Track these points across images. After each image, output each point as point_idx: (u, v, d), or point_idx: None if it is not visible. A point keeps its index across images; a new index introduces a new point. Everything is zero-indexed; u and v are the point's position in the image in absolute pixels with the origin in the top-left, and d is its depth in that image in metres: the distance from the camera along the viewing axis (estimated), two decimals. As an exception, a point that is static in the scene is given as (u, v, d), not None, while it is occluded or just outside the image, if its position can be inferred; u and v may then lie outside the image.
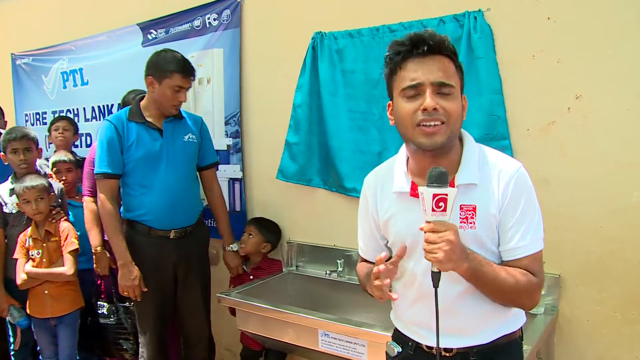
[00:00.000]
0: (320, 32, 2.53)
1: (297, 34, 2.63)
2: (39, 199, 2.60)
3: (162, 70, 2.36)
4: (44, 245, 2.63)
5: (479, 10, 2.11)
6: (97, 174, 2.42)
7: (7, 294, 2.71)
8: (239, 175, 2.96)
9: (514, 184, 1.23)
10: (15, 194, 2.63)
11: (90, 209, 2.65)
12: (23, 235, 2.66)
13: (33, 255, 2.63)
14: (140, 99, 2.49)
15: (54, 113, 4.04)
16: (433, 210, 1.11)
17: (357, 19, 2.45)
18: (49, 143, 3.60)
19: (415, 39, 1.21)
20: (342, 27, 2.48)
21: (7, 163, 2.79)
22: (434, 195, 1.10)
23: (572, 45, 1.98)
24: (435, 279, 1.14)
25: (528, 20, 2.05)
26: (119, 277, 2.38)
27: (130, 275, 2.36)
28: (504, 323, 1.32)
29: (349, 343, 2.00)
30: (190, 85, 2.45)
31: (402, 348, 1.41)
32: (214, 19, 2.95)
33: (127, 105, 2.83)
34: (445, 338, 1.27)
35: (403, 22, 2.30)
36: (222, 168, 2.71)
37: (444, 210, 1.10)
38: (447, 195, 1.10)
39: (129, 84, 2.98)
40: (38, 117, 4.19)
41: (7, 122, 3.77)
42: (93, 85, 3.72)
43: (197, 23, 3.03)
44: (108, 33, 3.54)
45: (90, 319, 2.79)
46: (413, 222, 1.23)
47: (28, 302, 2.67)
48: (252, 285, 2.54)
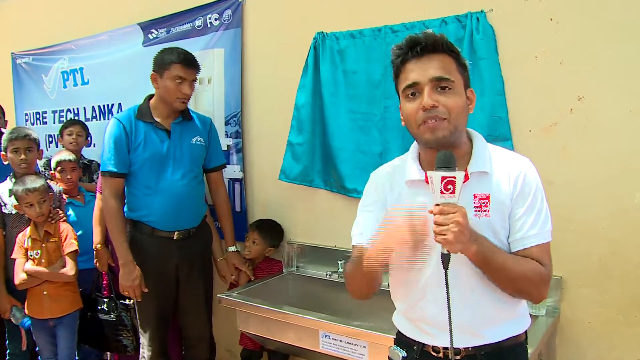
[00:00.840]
0: (322, 32, 2.53)
1: (298, 35, 2.63)
2: (42, 202, 2.59)
3: (163, 64, 2.37)
4: (43, 246, 2.63)
5: (482, 11, 2.11)
6: (102, 172, 2.41)
7: (8, 295, 2.70)
8: (240, 176, 2.96)
9: (524, 175, 1.27)
10: (16, 197, 2.61)
11: (100, 207, 2.63)
12: (22, 235, 2.65)
13: (32, 256, 2.61)
14: (150, 98, 2.47)
15: (54, 113, 4.03)
16: (442, 193, 1.14)
17: (358, 20, 2.44)
18: (58, 145, 3.56)
19: (411, 42, 1.26)
20: (343, 27, 2.47)
21: (6, 162, 2.78)
22: (443, 178, 1.13)
23: (574, 46, 1.97)
24: (445, 261, 1.16)
25: (530, 21, 2.05)
26: (120, 276, 2.38)
27: (131, 275, 2.35)
28: (511, 322, 1.32)
29: (350, 344, 1.99)
30: (195, 78, 2.42)
31: (406, 352, 1.39)
32: (215, 19, 2.95)
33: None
34: (454, 337, 1.26)
35: (405, 22, 2.29)
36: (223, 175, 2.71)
37: (453, 193, 1.14)
38: (455, 178, 1.13)
39: (130, 84, 2.97)
40: (38, 116, 4.18)
41: (7, 121, 3.76)
42: (93, 85, 3.71)
43: (198, 23, 3.03)
44: (109, 32, 3.53)
45: (90, 314, 2.77)
46: (424, 209, 1.23)
47: (26, 302, 2.66)
48: (252, 286, 2.54)
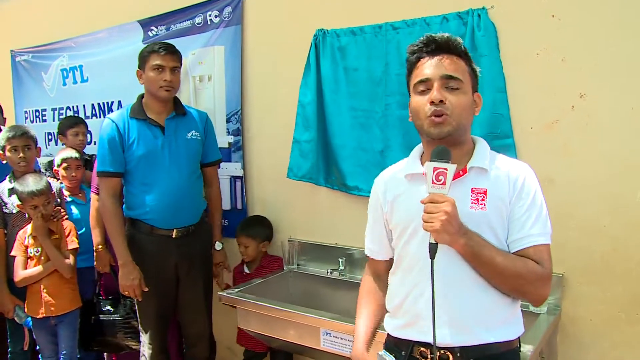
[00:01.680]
0: (323, 29, 2.52)
1: (299, 32, 2.62)
2: (47, 203, 2.58)
3: (142, 58, 2.40)
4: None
5: (483, 8, 2.10)
6: (98, 172, 2.40)
7: (11, 294, 2.69)
8: (240, 173, 2.95)
9: (524, 179, 1.31)
10: (20, 199, 2.59)
11: (97, 207, 2.63)
12: (23, 232, 2.64)
13: (32, 253, 2.60)
14: (142, 97, 2.46)
15: (54, 110, 4.02)
16: (433, 183, 1.21)
17: (359, 17, 2.43)
18: (58, 143, 3.53)
19: (427, 39, 1.33)
20: (344, 24, 2.46)
21: (5, 162, 2.77)
22: (435, 169, 1.20)
23: (576, 44, 1.97)
24: (432, 251, 1.20)
25: (532, 18, 2.04)
26: (120, 276, 2.37)
27: (130, 275, 2.34)
28: (504, 324, 1.31)
29: (351, 342, 1.97)
30: (176, 66, 2.40)
31: (395, 357, 1.40)
32: (215, 16, 2.94)
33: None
34: (445, 333, 1.27)
35: (406, 19, 2.28)
36: (223, 166, 2.70)
37: (444, 184, 1.20)
38: (446, 170, 1.20)
39: (130, 81, 2.96)
40: (37, 114, 4.17)
41: (6, 119, 3.75)
42: (93, 83, 3.71)
43: (198, 20, 3.02)
44: (108, 30, 3.53)
45: (94, 318, 2.75)
46: (419, 203, 1.26)
47: (26, 301, 2.65)
48: (253, 284, 2.53)
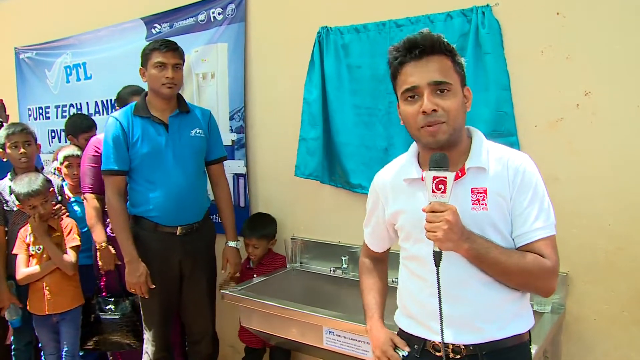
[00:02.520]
0: (326, 26, 2.51)
1: (302, 29, 2.61)
2: (44, 202, 2.57)
3: (144, 56, 2.40)
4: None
5: (487, 5, 2.09)
6: (103, 171, 2.40)
7: (9, 292, 2.70)
8: (243, 171, 2.95)
9: (523, 171, 1.29)
10: (18, 200, 2.58)
11: (93, 206, 2.60)
12: (24, 230, 2.64)
13: (34, 251, 2.61)
14: (146, 94, 2.46)
15: (57, 108, 4.03)
16: (433, 192, 1.20)
17: (363, 14, 2.42)
18: (62, 140, 3.53)
19: (409, 44, 1.27)
20: (348, 21, 2.45)
21: (5, 159, 2.77)
22: (434, 178, 1.20)
23: (581, 41, 1.95)
24: (437, 258, 1.21)
25: (537, 16, 2.03)
26: (126, 274, 2.37)
27: (137, 272, 2.34)
28: (514, 319, 1.31)
29: (354, 341, 1.99)
30: (177, 62, 2.39)
31: (407, 351, 1.40)
32: (219, 13, 2.93)
33: (121, 101, 2.83)
34: (455, 332, 1.27)
35: (410, 17, 2.27)
36: (226, 163, 2.69)
37: (444, 192, 1.19)
38: (446, 178, 1.19)
39: (133, 79, 2.95)
40: (41, 111, 4.18)
41: (9, 116, 3.76)
42: (96, 80, 3.71)
43: (201, 17, 3.02)
44: (112, 27, 3.53)
45: (93, 316, 2.75)
46: (421, 208, 1.26)
47: (28, 299, 2.65)
48: (255, 282, 2.53)
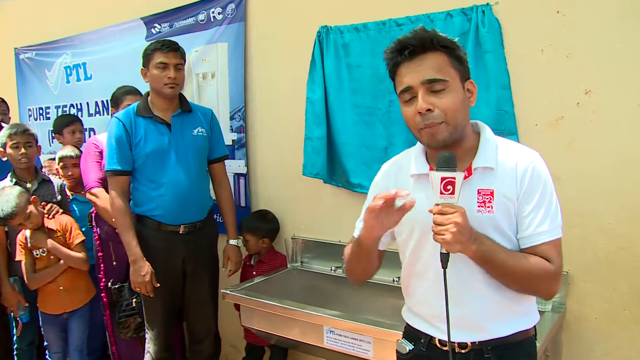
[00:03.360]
0: (326, 26, 2.51)
1: (302, 28, 2.61)
2: (28, 217, 2.53)
3: (146, 56, 2.40)
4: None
5: (487, 4, 2.09)
6: (107, 171, 2.40)
7: (14, 290, 2.71)
8: (244, 171, 2.95)
9: (532, 171, 1.24)
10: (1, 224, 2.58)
11: (105, 198, 2.56)
12: (21, 235, 2.63)
13: (38, 255, 2.61)
14: (149, 94, 2.47)
15: (57, 108, 4.03)
16: (441, 193, 1.15)
17: (363, 13, 2.42)
18: (54, 141, 3.55)
19: (400, 45, 1.24)
20: (348, 21, 2.45)
21: (5, 159, 2.77)
22: (442, 179, 1.14)
23: (581, 40, 1.95)
24: (444, 260, 1.17)
25: (537, 14, 2.03)
26: (131, 273, 2.37)
27: (142, 271, 2.34)
28: (519, 317, 1.31)
29: (355, 340, 1.98)
30: (179, 62, 2.39)
31: (414, 345, 1.39)
32: (219, 13, 2.93)
33: (115, 101, 2.82)
34: (459, 331, 1.26)
35: (410, 15, 2.27)
36: (227, 163, 2.69)
37: (452, 193, 1.14)
38: (454, 179, 1.14)
39: (133, 79, 2.96)
40: (41, 112, 4.19)
41: (10, 118, 3.76)
42: (96, 80, 3.71)
43: (201, 17, 3.02)
44: (112, 27, 3.53)
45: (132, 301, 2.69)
46: (428, 205, 1.22)
47: (39, 299, 2.66)
48: (256, 281, 2.53)
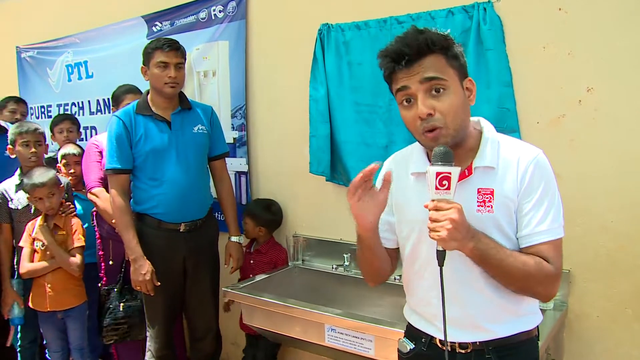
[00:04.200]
0: (327, 23, 2.50)
1: (303, 26, 2.61)
2: (51, 195, 2.59)
3: (147, 54, 2.40)
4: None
5: (489, 1, 2.08)
6: (107, 170, 2.40)
7: (13, 291, 2.71)
8: (245, 169, 2.95)
9: (533, 169, 1.22)
10: (25, 191, 2.61)
11: (104, 198, 2.58)
12: (31, 224, 2.65)
13: (37, 247, 2.61)
14: (148, 93, 2.47)
15: (59, 106, 4.04)
16: (437, 189, 1.13)
17: (364, 11, 2.42)
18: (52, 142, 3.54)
19: (395, 55, 1.20)
20: (349, 18, 2.45)
21: (14, 156, 2.78)
22: (437, 174, 1.12)
23: (583, 37, 1.94)
24: (440, 258, 1.16)
25: (538, 11, 2.02)
26: (131, 272, 2.37)
27: (142, 270, 2.34)
28: (520, 318, 1.30)
29: (356, 338, 1.98)
30: (180, 62, 2.39)
31: (415, 344, 1.38)
32: (220, 11, 2.93)
33: (116, 100, 2.84)
34: (460, 331, 1.26)
35: (411, 13, 2.27)
36: (228, 161, 2.69)
37: (448, 189, 1.12)
38: (450, 174, 1.12)
39: (134, 77, 2.96)
40: (43, 110, 4.19)
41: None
42: (98, 78, 3.72)
43: (202, 15, 3.01)
44: (113, 25, 3.53)
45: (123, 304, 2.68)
46: (423, 205, 1.20)
47: (31, 294, 2.66)
48: (257, 280, 2.53)
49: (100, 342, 2.98)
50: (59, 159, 3.00)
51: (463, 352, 1.29)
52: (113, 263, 2.70)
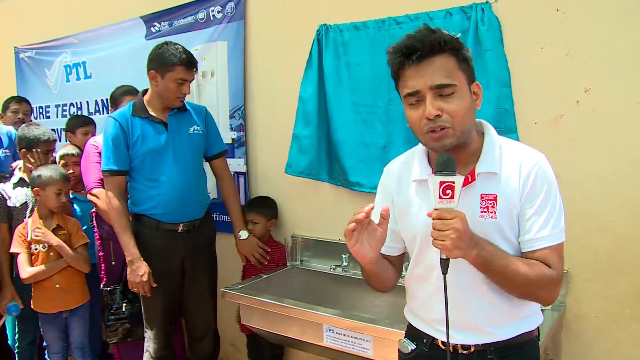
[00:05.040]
0: (326, 24, 2.50)
1: (302, 27, 2.61)
2: (63, 191, 2.61)
3: (165, 64, 2.33)
4: None
5: (487, 2, 2.09)
6: (103, 171, 2.40)
7: (13, 288, 2.71)
8: (243, 169, 2.95)
9: (535, 174, 1.22)
10: (38, 184, 2.59)
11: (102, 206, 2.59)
12: (22, 228, 2.64)
13: (37, 250, 2.60)
14: (144, 94, 2.47)
15: (57, 107, 4.04)
16: (440, 198, 1.12)
17: (362, 11, 2.42)
18: (67, 141, 3.48)
19: (406, 50, 1.19)
20: (347, 19, 2.45)
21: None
22: (441, 183, 1.11)
23: (581, 37, 1.95)
24: (444, 266, 1.16)
25: (536, 12, 2.02)
26: (128, 273, 2.37)
27: (139, 272, 2.33)
28: (522, 320, 1.30)
29: (354, 338, 1.98)
30: (194, 78, 2.43)
31: (416, 345, 1.38)
32: (218, 12, 2.93)
33: (114, 101, 2.83)
34: (463, 334, 1.26)
35: (409, 14, 2.27)
36: (226, 162, 2.70)
37: (452, 198, 1.11)
38: (454, 183, 1.11)
39: (133, 77, 2.96)
40: (41, 110, 4.18)
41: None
42: (96, 79, 3.71)
43: (201, 16, 3.01)
44: (111, 26, 3.53)
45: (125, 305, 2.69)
46: (427, 213, 1.20)
47: (33, 298, 2.65)
48: (256, 280, 2.53)
49: (99, 342, 3.00)
50: (57, 160, 2.99)
51: (465, 352, 1.29)
52: (115, 263, 2.69)
